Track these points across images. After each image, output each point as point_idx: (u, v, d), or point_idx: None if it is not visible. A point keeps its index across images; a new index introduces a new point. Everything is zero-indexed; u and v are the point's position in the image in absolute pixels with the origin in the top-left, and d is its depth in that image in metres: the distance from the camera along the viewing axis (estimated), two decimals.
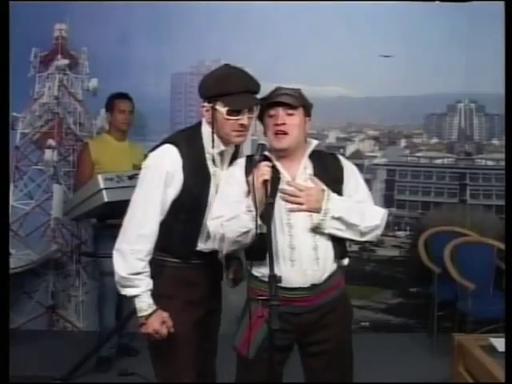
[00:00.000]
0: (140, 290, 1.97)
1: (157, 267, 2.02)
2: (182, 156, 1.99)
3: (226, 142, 2.05)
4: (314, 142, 2.10)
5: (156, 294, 2.00)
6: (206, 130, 2.05)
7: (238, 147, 2.17)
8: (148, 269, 1.99)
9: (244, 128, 2.00)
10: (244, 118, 1.98)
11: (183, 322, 2.03)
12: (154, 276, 2.01)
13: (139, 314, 1.99)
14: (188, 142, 2.03)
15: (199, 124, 2.09)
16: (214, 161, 2.06)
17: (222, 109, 1.97)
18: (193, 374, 2.08)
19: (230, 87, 1.96)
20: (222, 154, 2.08)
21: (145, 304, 1.98)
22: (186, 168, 1.99)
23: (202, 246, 2.07)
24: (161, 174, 1.97)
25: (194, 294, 2.08)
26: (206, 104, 2.02)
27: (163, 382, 2.12)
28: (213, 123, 2.01)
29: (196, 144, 2.04)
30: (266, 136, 2.05)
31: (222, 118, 1.98)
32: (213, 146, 2.04)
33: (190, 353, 2.07)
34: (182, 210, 2.02)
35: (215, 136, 2.03)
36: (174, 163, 1.98)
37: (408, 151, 4.42)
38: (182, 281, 2.06)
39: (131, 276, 1.96)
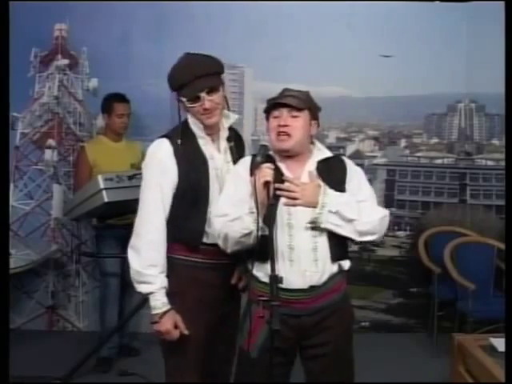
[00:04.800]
0: (154, 288, 2.00)
1: (171, 265, 2.05)
2: (173, 144, 2.06)
3: (201, 122, 2.10)
4: (327, 154, 2.10)
5: (169, 292, 2.03)
6: (190, 118, 2.12)
7: (232, 131, 2.20)
8: (163, 263, 2.03)
9: (209, 111, 2.05)
10: (205, 103, 2.03)
11: (194, 321, 2.04)
12: (168, 274, 2.04)
13: (153, 312, 2.03)
14: (178, 132, 2.10)
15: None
16: (209, 145, 2.11)
17: (183, 99, 2.06)
18: (198, 374, 2.10)
19: (182, 79, 2.05)
20: (211, 135, 2.12)
21: (159, 302, 2.01)
22: (177, 154, 2.05)
23: (210, 231, 2.07)
24: (155, 164, 2.07)
25: (207, 295, 2.09)
26: (176, 96, 2.10)
27: (171, 379, 2.13)
28: (179, 111, 2.11)
29: (186, 132, 2.11)
30: (269, 136, 2.06)
31: (187, 106, 2.07)
32: (185, 131, 2.09)
33: (199, 353, 2.09)
34: (184, 197, 2.06)
35: (194, 119, 2.10)
36: (164, 152, 2.06)
37: (408, 151, 4.42)
38: (196, 279, 2.07)
39: (146, 270, 1.99)
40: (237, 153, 2.17)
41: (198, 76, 2.02)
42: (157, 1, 4.09)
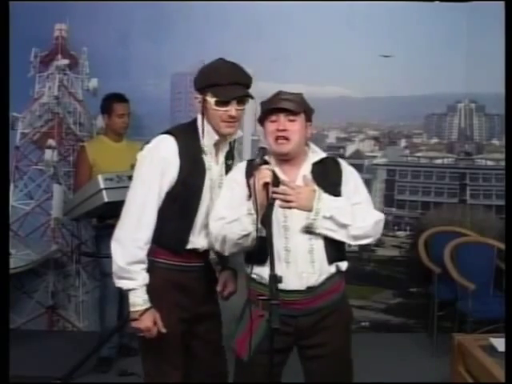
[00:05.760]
0: (136, 284, 1.98)
1: (149, 267, 2.03)
2: (179, 144, 2.02)
3: (216, 132, 2.07)
4: (321, 155, 2.10)
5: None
6: (200, 122, 2.08)
7: (233, 144, 2.18)
8: (146, 260, 2.00)
9: (233, 119, 2.02)
10: (232, 110, 2.01)
11: (170, 324, 2.03)
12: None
13: (132, 309, 2.00)
14: (184, 134, 2.07)
15: (195, 119, 2.12)
16: (210, 155, 2.08)
17: (210, 99, 2.01)
18: (179, 373, 2.10)
19: (218, 78, 2.00)
20: (216, 146, 2.10)
21: (140, 299, 1.99)
22: (182, 155, 2.02)
23: (194, 240, 2.08)
24: (158, 162, 2.01)
25: (184, 298, 2.08)
26: (198, 95, 2.05)
27: (150, 380, 2.13)
28: (203, 114, 2.05)
29: (192, 136, 2.07)
30: (266, 140, 2.06)
31: (211, 108, 2.01)
32: (202, 136, 2.07)
33: (176, 354, 2.08)
34: (176, 201, 2.03)
35: (209, 127, 2.06)
36: (170, 150, 2.01)
37: (408, 151, 4.42)
38: (173, 284, 2.06)
39: (129, 266, 1.96)
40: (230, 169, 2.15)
41: (237, 82, 2.00)
42: (156, 1, 4.09)
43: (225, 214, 1.98)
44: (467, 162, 4.39)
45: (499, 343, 2.34)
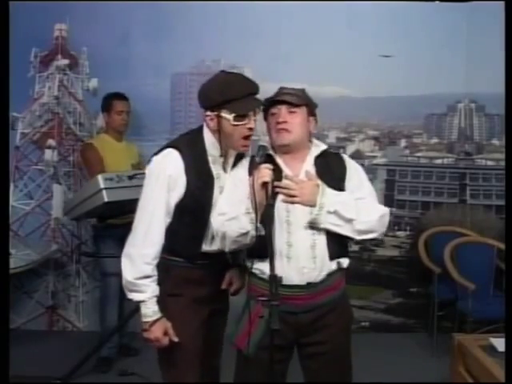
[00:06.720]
0: (146, 296, 1.99)
1: (163, 267, 2.04)
2: (184, 159, 2.00)
3: (231, 148, 2.06)
4: (322, 147, 2.10)
5: (162, 293, 2.02)
6: (208, 135, 2.06)
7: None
8: (155, 273, 2.01)
9: (252, 131, 2.01)
10: (251, 122, 1.99)
11: (189, 320, 2.05)
12: (160, 276, 2.03)
13: (143, 320, 2.01)
14: (190, 146, 2.04)
15: (200, 128, 2.09)
16: (218, 163, 2.07)
17: (228, 116, 1.96)
18: (197, 373, 2.10)
19: (233, 93, 1.95)
20: (225, 156, 2.09)
21: (150, 310, 2.00)
22: (188, 171, 2.00)
23: (206, 248, 2.08)
24: (164, 178, 1.99)
25: (199, 293, 2.09)
26: (209, 113, 2.01)
27: (169, 381, 2.13)
28: (219, 131, 2.01)
29: (198, 147, 2.05)
30: (269, 135, 2.07)
31: (229, 124, 1.98)
32: (221, 155, 2.06)
33: (195, 352, 2.09)
34: (186, 213, 2.03)
35: (214, 139, 2.04)
36: (176, 167, 1.99)
37: (408, 151, 4.42)
38: (187, 279, 2.08)
39: (138, 281, 1.97)
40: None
41: (250, 92, 1.98)
42: (156, 1, 4.09)
43: (226, 209, 1.99)
44: (467, 161, 4.39)
45: (499, 343, 2.34)
